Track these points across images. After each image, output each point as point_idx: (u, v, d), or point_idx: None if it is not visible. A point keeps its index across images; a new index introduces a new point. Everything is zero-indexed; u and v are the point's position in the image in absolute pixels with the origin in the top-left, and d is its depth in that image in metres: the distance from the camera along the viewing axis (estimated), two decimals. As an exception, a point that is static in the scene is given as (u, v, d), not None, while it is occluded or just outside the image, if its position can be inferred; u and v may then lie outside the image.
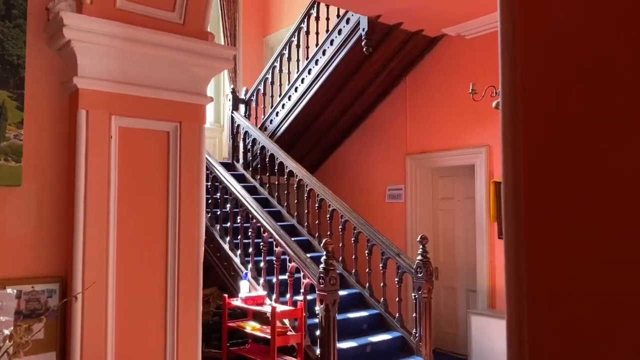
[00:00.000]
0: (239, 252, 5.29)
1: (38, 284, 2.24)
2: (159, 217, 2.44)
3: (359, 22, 5.59)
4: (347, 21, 5.77)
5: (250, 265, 5.09)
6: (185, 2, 2.45)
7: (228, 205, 5.53)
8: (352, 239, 5.11)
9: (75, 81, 2.21)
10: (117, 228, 2.31)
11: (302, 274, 4.49)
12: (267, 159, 6.22)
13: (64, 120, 2.33)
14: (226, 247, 5.45)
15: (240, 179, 6.44)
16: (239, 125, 6.90)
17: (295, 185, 5.81)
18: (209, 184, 5.73)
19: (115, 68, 2.30)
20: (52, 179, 2.30)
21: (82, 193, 2.23)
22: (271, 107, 6.83)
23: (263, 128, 6.87)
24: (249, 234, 5.16)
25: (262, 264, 4.98)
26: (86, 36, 2.20)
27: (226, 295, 4.71)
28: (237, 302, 4.61)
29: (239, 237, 5.31)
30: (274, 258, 4.79)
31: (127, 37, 2.28)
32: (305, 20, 6.35)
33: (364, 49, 5.61)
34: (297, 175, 5.76)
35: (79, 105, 2.23)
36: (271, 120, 6.82)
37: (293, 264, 4.60)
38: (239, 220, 5.35)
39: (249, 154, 6.73)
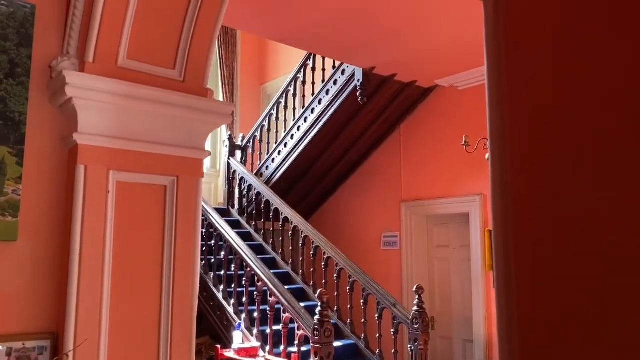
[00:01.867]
0: (232, 301, 5.23)
1: (29, 341, 2.20)
2: (154, 272, 2.43)
3: (354, 73, 5.73)
4: (343, 72, 5.91)
5: (243, 315, 5.02)
6: (185, 60, 2.52)
7: (222, 253, 5.50)
8: (348, 287, 5.07)
9: (75, 137, 2.25)
10: (111, 284, 2.30)
11: (296, 324, 4.42)
12: (262, 205, 6.23)
13: (63, 175, 2.35)
14: (220, 295, 5.38)
15: (235, 225, 6.43)
16: (235, 171, 6.94)
17: (290, 232, 5.80)
18: (204, 230, 5.71)
19: (114, 124, 2.34)
20: (48, 234, 2.29)
21: (77, 248, 2.22)
22: (267, 153, 6.90)
23: (259, 174, 6.92)
24: (243, 282, 5.11)
25: (255, 314, 4.91)
26: (88, 94, 2.24)
27: (219, 346, 4.62)
28: (229, 354, 4.52)
29: (233, 285, 5.26)
30: (267, 308, 4.73)
31: (128, 94, 2.33)
32: (302, 70, 6.50)
33: (359, 99, 5.72)
34: (292, 222, 5.76)
35: (78, 161, 2.26)
36: (267, 167, 6.87)
37: (287, 314, 4.54)
38: (233, 268, 5.31)
39: (245, 200, 6.75)
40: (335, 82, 6.01)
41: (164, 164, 2.48)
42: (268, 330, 4.68)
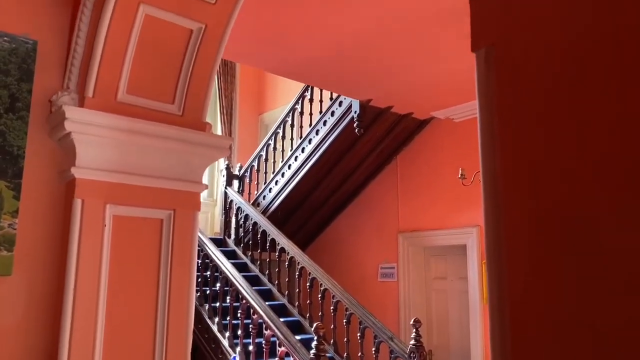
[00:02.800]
0: (227, 334, 5.16)
1: (19, 378, 2.16)
2: (149, 306, 2.41)
3: (351, 105, 5.79)
4: (340, 104, 5.98)
5: (238, 349, 4.95)
6: (184, 95, 2.55)
7: (218, 284, 5.45)
8: (344, 320, 5.02)
9: (73, 171, 2.26)
10: (105, 318, 2.28)
11: (292, 358, 4.36)
12: (258, 235, 6.21)
13: (59, 209, 2.35)
14: (214, 328, 5.32)
15: (231, 255, 6.39)
16: (232, 201, 6.94)
17: (286, 263, 5.77)
18: (200, 261, 5.67)
19: (113, 158, 2.36)
20: (43, 269, 2.28)
21: (72, 283, 2.21)
22: (264, 183, 6.91)
23: (256, 204, 6.92)
24: (239, 314, 5.06)
25: (251, 347, 4.85)
26: (87, 128, 2.26)
27: (213, 380, 4.54)
28: (224, 388, 4.43)
29: (228, 317, 5.19)
30: (263, 341, 4.66)
31: (127, 129, 2.35)
32: (300, 101, 6.56)
33: (356, 130, 5.77)
34: (288, 253, 5.74)
35: (75, 195, 2.26)
36: (264, 197, 6.87)
37: (283, 348, 4.48)
38: (228, 300, 5.25)
39: (241, 230, 6.72)
40: (332, 114, 6.07)
41: (161, 197, 2.48)
42: (263, 364, 4.60)
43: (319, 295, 5.27)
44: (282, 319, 4.85)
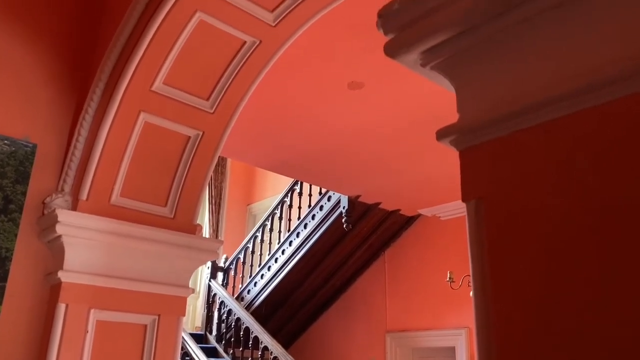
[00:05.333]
0: None
1: None
2: (125, 420, 2.28)
3: (340, 200, 5.88)
4: (329, 198, 6.07)
5: None
6: (177, 199, 2.59)
7: (197, 385, 5.20)
8: None
9: (60, 275, 2.23)
10: None
11: None
12: (241, 332, 6.02)
13: (41, 313, 2.28)
14: None
15: (212, 353, 6.15)
16: (215, 295, 6.79)
17: (270, 362, 5.55)
18: None
19: (101, 261, 2.34)
20: (18, 378, 2.18)
21: (47, 394, 2.10)
22: (250, 276, 6.81)
23: (240, 298, 6.77)
24: (218, 419, 4.78)
25: None
26: (78, 232, 2.26)
27: None
28: None
29: (207, 422, 4.90)
30: None
31: (118, 232, 2.35)
32: (289, 195, 6.65)
33: (344, 225, 5.82)
34: (272, 352, 5.54)
35: (59, 299, 2.21)
36: (249, 291, 6.74)
37: None
38: (208, 403, 4.99)
39: (224, 325, 6.52)
40: (321, 208, 6.14)
41: (147, 302, 2.44)
42: None
43: (303, 399, 5.03)
44: None
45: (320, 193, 6.23)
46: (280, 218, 6.69)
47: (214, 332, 6.62)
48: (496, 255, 0.86)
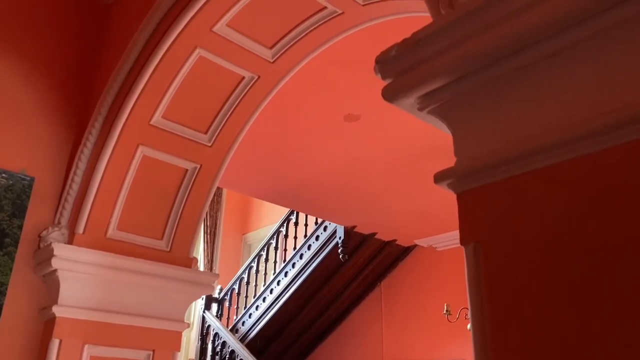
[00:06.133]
0: None
1: None
2: None
3: (336, 230, 5.87)
4: (325, 228, 6.06)
5: None
6: (173, 232, 2.59)
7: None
8: None
9: (54, 310, 2.21)
10: None
11: None
12: (236, 365, 5.92)
13: (34, 348, 2.25)
14: None
15: (206, 386, 6.03)
16: (209, 326, 6.69)
17: (264, 396, 5.45)
18: (173, 393, 5.33)
19: (96, 296, 2.32)
20: (8, 417, 2.13)
21: None
22: (245, 308, 6.74)
23: (234, 330, 6.68)
24: None
25: None
26: (74, 266, 2.25)
27: None
28: None
29: None
30: None
31: (114, 266, 2.34)
32: (285, 224, 6.63)
33: (340, 256, 5.79)
34: (267, 386, 5.44)
35: (53, 334, 2.19)
36: (243, 322, 6.66)
37: None
38: None
39: (218, 357, 6.41)
40: (317, 238, 6.12)
41: (142, 337, 2.41)
42: None
43: None
44: None
45: (316, 223, 6.22)
46: (276, 248, 6.66)
47: (208, 365, 6.50)
48: (495, 298, 0.87)
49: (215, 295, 7.11)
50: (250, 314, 6.59)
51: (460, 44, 0.89)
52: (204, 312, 6.84)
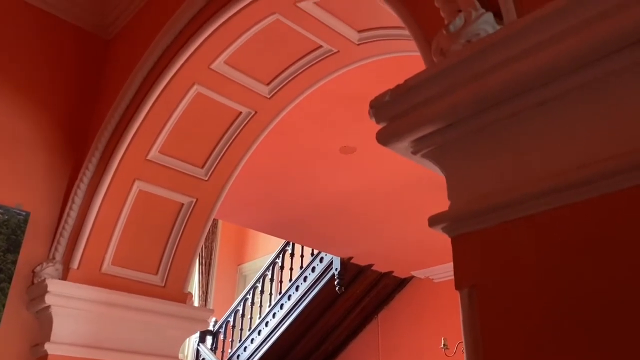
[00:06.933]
0: None
1: None
2: None
3: (332, 261, 5.83)
4: (321, 260, 6.02)
5: None
6: (168, 267, 2.57)
7: None
8: None
9: (47, 347, 2.17)
10: None
11: None
12: (231, 400, 5.80)
13: (25, 387, 2.21)
14: None
15: (199, 422, 5.90)
16: (203, 359, 6.58)
17: None
18: None
19: (89, 332, 2.29)
20: None
21: None
22: (240, 341, 6.64)
23: (230, 363, 6.56)
24: None
25: None
26: (67, 302, 2.23)
27: None
28: None
29: None
30: None
31: (108, 302, 2.32)
32: (280, 255, 6.59)
33: (337, 288, 5.75)
34: (262, 422, 5.32)
35: (44, 373, 2.15)
36: (238, 356, 6.55)
37: None
38: None
39: (212, 392, 6.29)
40: (313, 270, 6.08)
41: (135, 375, 2.37)
42: None
43: None
44: None
45: (312, 254, 6.19)
46: (272, 280, 6.60)
47: (202, 400, 6.37)
48: (489, 340, 0.87)
49: (210, 327, 7.01)
50: (246, 347, 6.48)
51: (452, 92, 0.91)
52: (198, 345, 6.74)
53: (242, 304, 6.86)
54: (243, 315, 6.75)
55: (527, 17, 0.83)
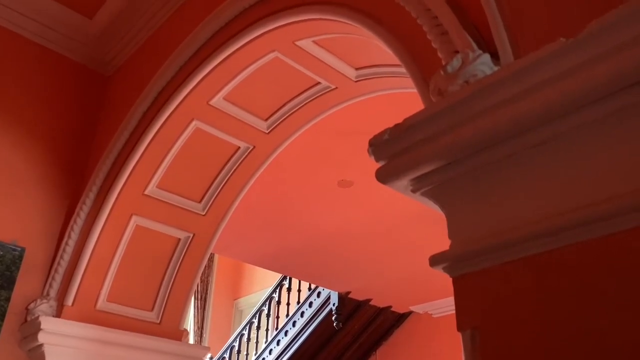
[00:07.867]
0: None
1: None
2: None
3: (330, 296, 5.77)
4: (318, 294, 5.95)
5: None
6: (164, 304, 2.53)
7: None
8: None
9: (37, 388, 2.12)
10: None
11: None
12: None
13: None
14: None
15: None
16: (199, 398, 6.41)
17: None
18: None
19: (82, 371, 2.24)
20: None
21: None
22: (236, 378, 6.50)
23: (225, 402, 6.40)
24: None
25: None
26: (61, 340, 2.19)
27: None
28: None
29: None
30: None
31: (102, 340, 2.28)
32: (277, 290, 6.52)
33: (335, 324, 5.66)
34: None
35: (35, 415, 2.09)
36: (234, 394, 6.40)
37: None
38: None
39: None
40: (310, 305, 6.00)
41: (128, 416, 2.30)
42: None
43: None
44: None
45: (309, 289, 6.12)
46: (268, 315, 6.51)
47: None
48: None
49: (205, 364, 6.86)
50: (241, 385, 6.34)
51: (450, 131, 0.92)
52: (193, 382, 6.57)
53: (238, 339, 6.75)
54: (239, 352, 6.63)
55: (524, 58, 0.84)
